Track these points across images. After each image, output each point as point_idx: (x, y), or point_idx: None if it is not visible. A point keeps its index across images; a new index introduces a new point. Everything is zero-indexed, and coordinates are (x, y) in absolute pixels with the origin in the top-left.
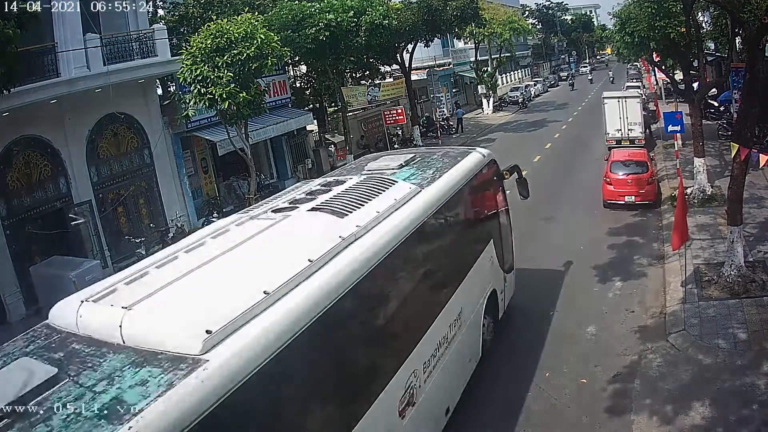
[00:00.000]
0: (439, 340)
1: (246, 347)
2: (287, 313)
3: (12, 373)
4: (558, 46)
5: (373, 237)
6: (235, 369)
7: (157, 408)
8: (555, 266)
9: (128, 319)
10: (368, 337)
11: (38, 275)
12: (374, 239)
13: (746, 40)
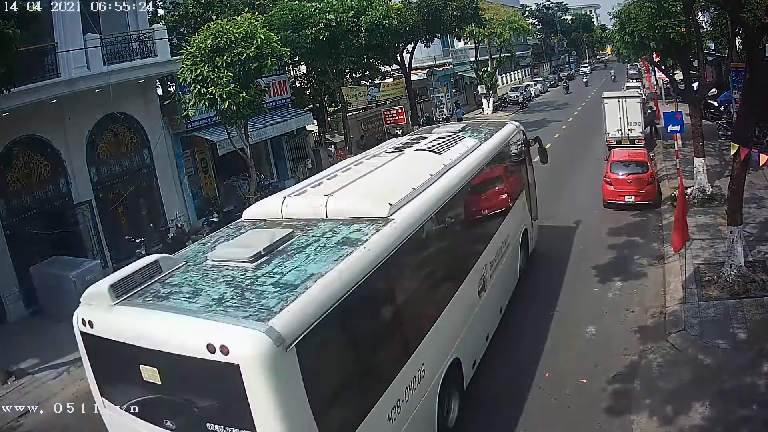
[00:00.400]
0: (498, 249)
1: (408, 215)
2: (425, 200)
3: (258, 233)
4: (558, 46)
5: (459, 167)
6: (406, 225)
7: (377, 240)
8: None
9: (331, 201)
10: (462, 220)
11: (38, 275)
12: (461, 168)
13: (746, 40)
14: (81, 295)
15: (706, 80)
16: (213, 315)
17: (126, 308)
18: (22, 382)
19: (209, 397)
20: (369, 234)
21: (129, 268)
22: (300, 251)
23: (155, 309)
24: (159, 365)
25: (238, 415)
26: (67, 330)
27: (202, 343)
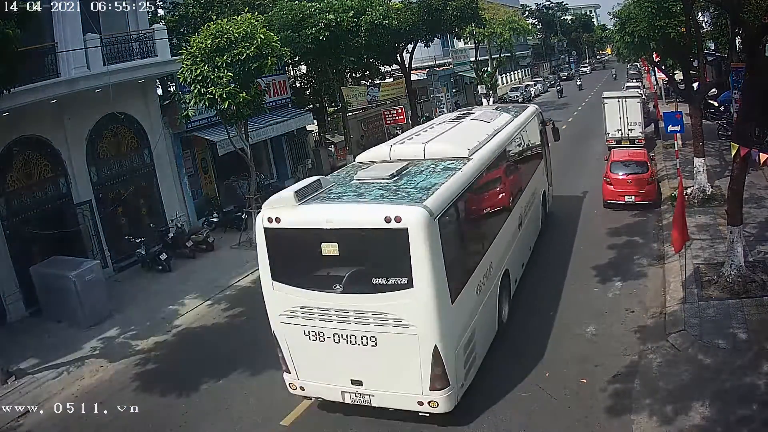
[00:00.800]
0: (528, 199)
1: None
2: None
3: (383, 165)
4: (558, 46)
5: (502, 132)
6: (479, 162)
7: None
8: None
9: (428, 146)
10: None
11: (38, 275)
12: (503, 132)
13: (746, 40)
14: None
15: (706, 80)
16: (383, 201)
17: (309, 206)
18: (22, 382)
19: (378, 257)
20: (460, 165)
21: (298, 184)
22: (419, 174)
23: (336, 203)
24: (340, 241)
25: (400, 265)
26: (67, 330)
27: (381, 217)
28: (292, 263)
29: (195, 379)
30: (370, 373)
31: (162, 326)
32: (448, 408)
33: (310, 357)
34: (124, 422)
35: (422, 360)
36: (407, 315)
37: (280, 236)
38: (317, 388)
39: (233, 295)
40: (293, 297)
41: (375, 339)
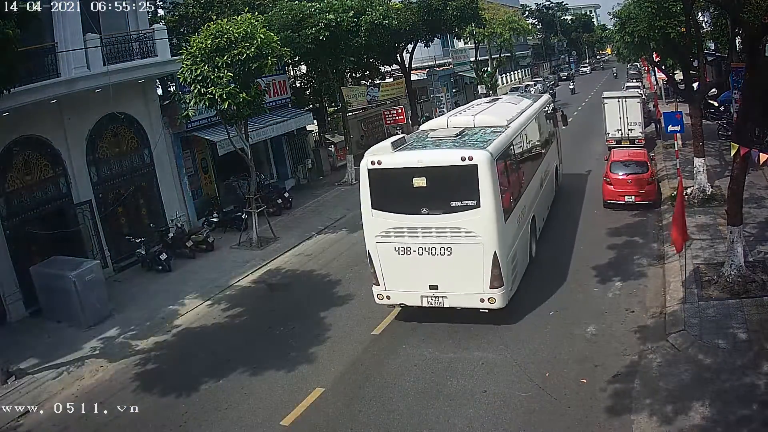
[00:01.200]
0: (546, 166)
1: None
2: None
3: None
4: (558, 46)
5: (527, 112)
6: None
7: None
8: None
9: (477, 117)
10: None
11: (38, 275)
12: (528, 112)
13: (746, 40)
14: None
15: (706, 80)
16: (457, 147)
17: (403, 152)
18: (22, 382)
19: (455, 186)
20: (502, 130)
21: (388, 140)
22: (475, 134)
23: (423, 149)
24: (427, 175)
25: (471, 191)
26: (67, 330)
27: (458, 157)
28: (389, 194)
29: (195, 379)
30: (445, 278)
31: (162, 326)
32: (502, 304)
33: (397, 269)
34: (124, 422)
35: (485, 263)
36: (476, 228)
37: (380, 174)
38: (401, 296)
39: (233, 295)
40: (388, 220)
41: (450, 249)
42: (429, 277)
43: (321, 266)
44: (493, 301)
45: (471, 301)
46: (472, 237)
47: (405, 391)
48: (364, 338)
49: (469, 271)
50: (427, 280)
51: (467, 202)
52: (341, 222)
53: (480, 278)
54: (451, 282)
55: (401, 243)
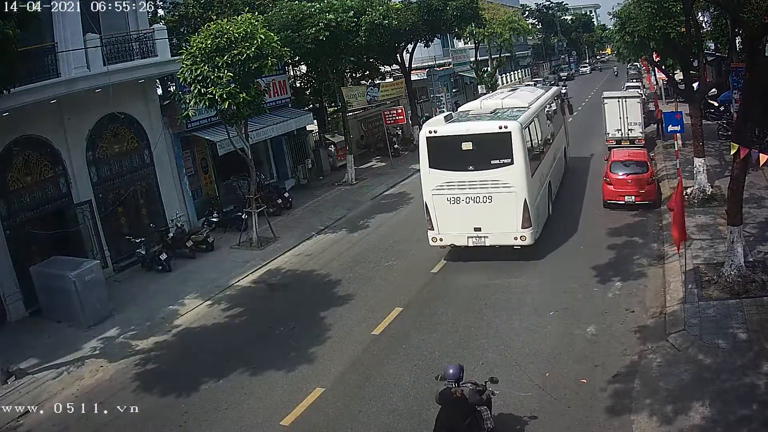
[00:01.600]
0: (558, 144)
1: (534, 106)
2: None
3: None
4: (558, 46)
5: (542, 98)
6: (534, 109)
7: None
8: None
9: (504, 101)
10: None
11: (38, 275)
12: (543, 98)
13: (746, 40)
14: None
15: (706, 80)
16: (496, 119)
17: (453, 123)
18: (22, 382)
19: (494, 148)
20: (525, 109)
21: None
22: (505, 112)
23: (469, 121)
24: (473, 140)
25: (506, 152)
26: (67, 330)
27: (497, 127)
28: (443, 156)
29: (195, 379)
30: (486, 221)
31: (162, 326)
32: (531, 241)
33: (448, 216)
34: (124, 422)
35: (517, 208)
36: (510, 180)
37: (436, 141)
38: (451, 237)
39: (233, 295)
40: (442, 176)
41: (491, 197)
42: (474, 221)
43: (321, 266)
44: (524, 238)
45: (507, 239)
46: (507, 187)
47: (405, 391)
48: (364, 338)
49: (506, 215)
50: (472, 224)
51: (503, 160)
52: (341, 222)
53: (514, 220)
54: (491, 224)
55: (452, 194)
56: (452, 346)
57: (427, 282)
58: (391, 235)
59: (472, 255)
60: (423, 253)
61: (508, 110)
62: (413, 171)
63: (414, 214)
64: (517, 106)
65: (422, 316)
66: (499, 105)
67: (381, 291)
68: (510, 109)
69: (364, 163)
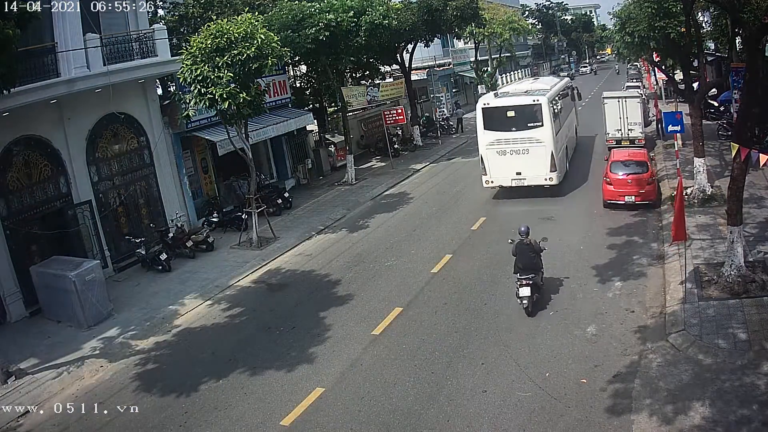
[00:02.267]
0: (569, 123)
1: (553, 91)
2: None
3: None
4: (558, 46)
5: (558, 85)
6: (554, 93)
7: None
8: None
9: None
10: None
11: (38, 275)
12: (559, 85)
13: (746, 40)
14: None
15: (706, 80)
16: (530, 95)
17: (499, 98)
18: (22, 382)
19: (529, 115)
20: (548, 90)
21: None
22: (534, 92)
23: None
24: (515, 110)
25: (538, 117)
26: (67, 330)
27: (531, 100)
28: (493, 121)
29: (195, 379)
30: (525, 167)
31: (162, 326)
32: (557, 181)
33: (497, 164)
34: (124, 422)
35: (546, 158)
36: (541, 137)
37: (488, 110)
38: (499, 180)
39: (233, 295)
40: (493, 135)
41: (528, 150)
42: (515, 167)
43: (321, 266)
44: (551, 179)
45: (539, 180)
46: (539, 143)
47: (405, 391)
48: (364, 338)
49: (538, 163)
50: (514, 170)
51: (536, 123)
52: (341, 222)
53: (545, 166)
54: (528, 169)
55: (500, 148)
56: (452, 346)
57: (427, 282)
58: (391, 235)
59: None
60: (423, 253)
61: (536, 91)
62: (413, 171)
63: (414, 213)
64: (542, 88)
65: (422, 315)
66: (529, 88)
67: (381, 291)
68: (537, 90)
69: (364, 163)
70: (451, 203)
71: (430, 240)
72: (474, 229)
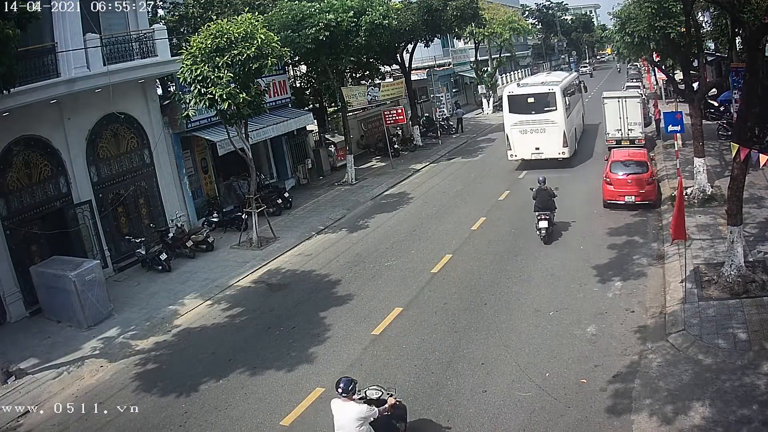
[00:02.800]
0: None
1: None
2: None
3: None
4: (558, 46)
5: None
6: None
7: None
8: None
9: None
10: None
11: (38, 275)
12: (569, 78)
13: (746, 40)
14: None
15: (706, 80)
16: (545, 85)
17: (521, 88)
18: (22, 382)
19: (545, 101)
20: (560, 82)
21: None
22: (549, 83)
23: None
24: (534, 97)
25: (552, 103)
26: (67, 330)
27: (547, 89)
28: (516, 105)
29: (195, 379)
30: (542, 144)
31: (162, 326)
32: (568, 155)
33: (519, 141)
34: (124, 422)
35: (559, 136)
36: (555, 119)
37: (512, 97)
38: (521, 154)
39: (233, 295)
40: (516, 117)
41: (545, 130)
42: (534, 144)
43: (321, 266)
44: (563, 153)
45: (554, 154)
46: (554, 123)
47: (405, 391)
48: (364, 338)
49: (553, 140)
50: (533, 146)
51: (551, 108)
52: (341, 222)
53: (558, 143)
54: (544, 145)
55: (522, 128)
56: (452, 346)
57: (427, 282)
58: (391, 235)
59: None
60: (423, 253)
61: (551, 82)
62: (413, 171)
63: (414, 213)
64: (555, 80)
65: (422, 316)
66: (544, 80)
67: (381, 291)
68: (552, 81)
69: (364, 163)
70: (451, 203)
71: (430, 240)
72: (474, 229)
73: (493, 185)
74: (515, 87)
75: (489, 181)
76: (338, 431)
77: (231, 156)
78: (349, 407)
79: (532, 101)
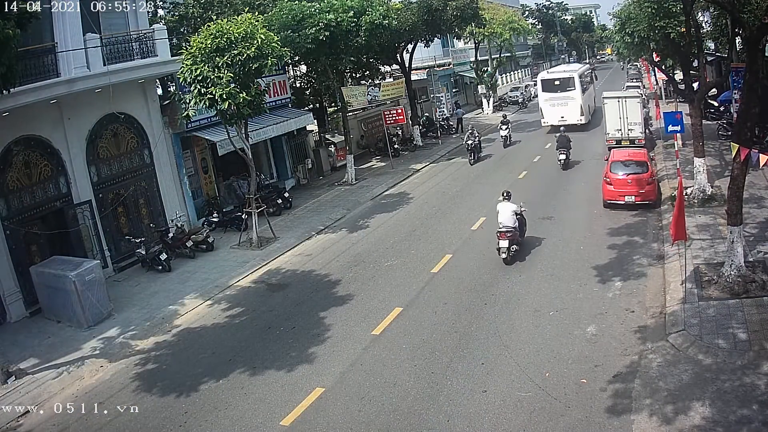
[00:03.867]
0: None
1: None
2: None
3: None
4: (558, 46)
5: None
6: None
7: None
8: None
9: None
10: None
11: (38, 275)
12: (583, 68)
13: (746, 40)
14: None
15: (706, 80)
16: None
17: (550, 73)
18: (22, 382)
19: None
20: (576, 70)
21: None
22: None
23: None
24: (560, 79)
25: (572, 84)
26: (67, 330)
27: (570, 74)
28: (547, 85)
29: (195, 379)
30: (565, 113)
31: (162, 326)
32: (585, 121)
33: (549, 111)
34: (124, 422)
35: (577, 107)
36: (574, 96)
37: (544, 80)
38: (550, 120)
39: (233, 295)
40: (547, 95)
41: (567, 103)
42: (559, 113)
43: (321, 266)
44: (581, 120)
45: (575, 120)
46: (573, 99)
47: (405, 391)
48: (364, 338)
49: (573, 110)
50: (559, 115)
51: (571, 87)
52: (341, 222)
53: (577, 112)
54: (567, 114)
55: (551, 101)
56: (452, 346)
57: (427, 282)
58: (391, 234)
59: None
60: (423, 253)
61: (571, 69)
62: (413, 171)
63: (414, 213)
64: (574, 69)
65: (422, 316)
66: (566, 68)
67: (381, 291)
68: (571, 69)
69: (364, 163)
70: (451, 203)
71: (430, 240)
72: (474, 229)
73: (493, 185)
74: (546, 73)
75: (489, 181)
76: (500, 222)
77: (231, 156)
78: (509, 205)
79: (558, 83)
